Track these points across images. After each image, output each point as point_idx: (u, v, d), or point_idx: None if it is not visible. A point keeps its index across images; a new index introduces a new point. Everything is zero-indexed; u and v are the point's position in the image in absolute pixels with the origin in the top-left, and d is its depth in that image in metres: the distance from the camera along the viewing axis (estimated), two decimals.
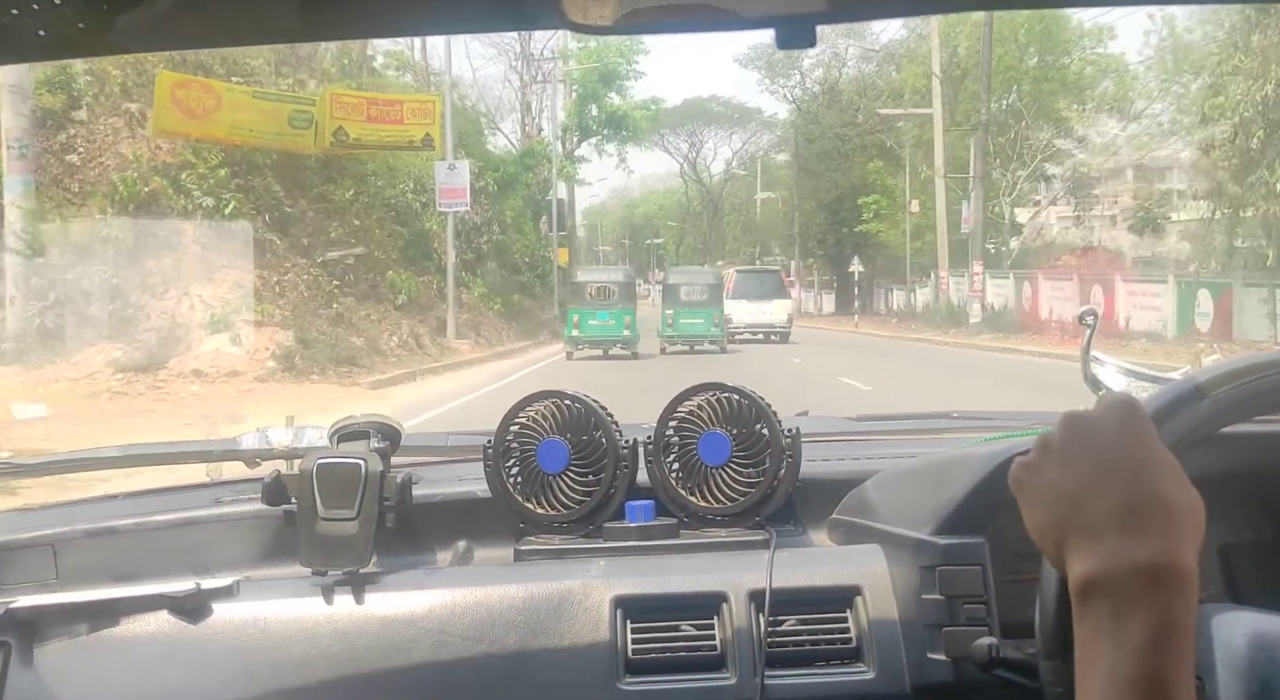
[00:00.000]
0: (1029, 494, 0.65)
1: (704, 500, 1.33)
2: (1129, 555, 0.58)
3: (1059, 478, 0.63)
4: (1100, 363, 1.50)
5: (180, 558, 1.28)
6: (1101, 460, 0.62)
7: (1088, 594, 0.59)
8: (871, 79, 40.86)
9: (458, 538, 1.36)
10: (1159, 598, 0.57)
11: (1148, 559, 0.58)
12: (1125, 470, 0.61)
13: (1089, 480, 0.62)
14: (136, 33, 0.67)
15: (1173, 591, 0.57)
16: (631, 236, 79.94)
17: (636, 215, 79.16)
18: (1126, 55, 29.74)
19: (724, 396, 1.34)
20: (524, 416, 1.36)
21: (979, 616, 1.03)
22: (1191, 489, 0.61)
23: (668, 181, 71.97)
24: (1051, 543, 0.63)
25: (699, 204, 62.08)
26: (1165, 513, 0.59)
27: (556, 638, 1.10)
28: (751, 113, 55.98)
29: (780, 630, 1.10)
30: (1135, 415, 0.63)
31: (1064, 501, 0.62)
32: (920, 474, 1.25)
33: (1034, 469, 0.65)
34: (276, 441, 1.46)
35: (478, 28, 1.38)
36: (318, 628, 1.11)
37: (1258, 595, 1.10)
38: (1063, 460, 0.63)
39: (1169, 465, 0.62)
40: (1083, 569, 0.59)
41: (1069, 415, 0.65)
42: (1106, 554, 0.59)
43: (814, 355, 18.96)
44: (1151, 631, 0.56)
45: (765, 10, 0.64)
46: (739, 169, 57.73)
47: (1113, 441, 0.62)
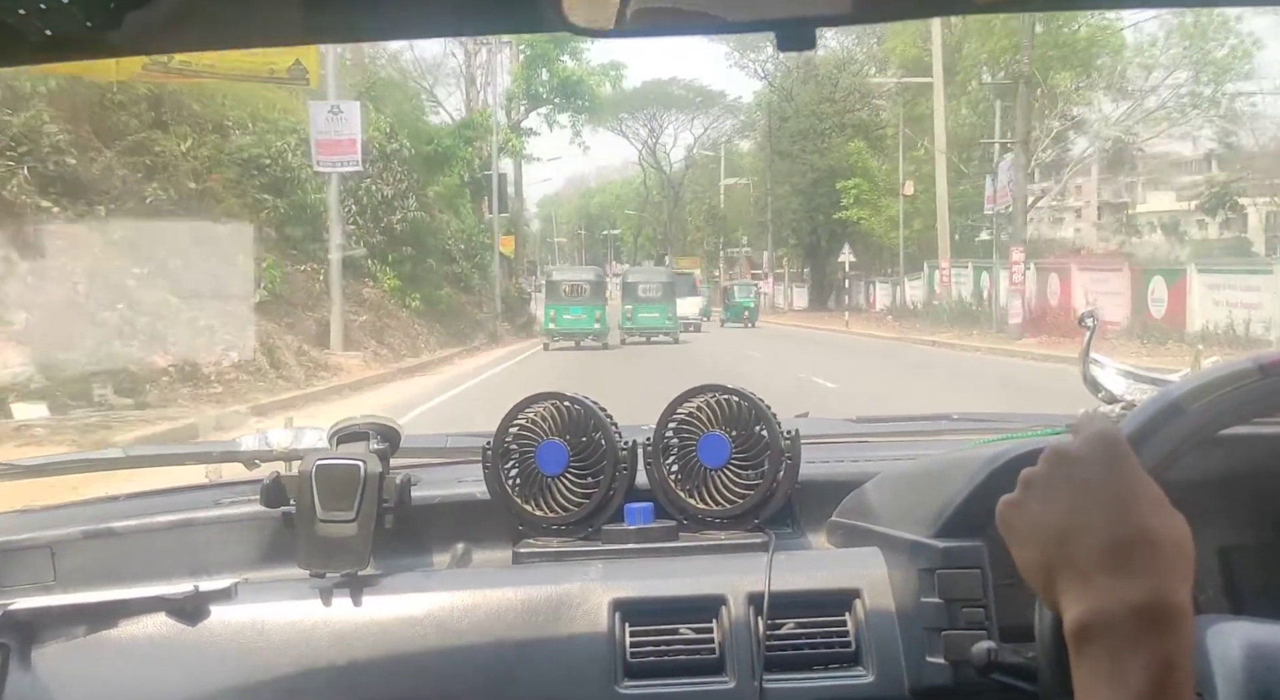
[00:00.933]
0: (1016, 533, 0.65)
1: (703, 502, 1.33)
2: (1120, 596, 0.58)
3: (1044, 515, 0.63)
4: (1100, 365, 1.50)
5: (179, 559, 1.28)
6: (1085, 495, 0.61)
7: (1082, 638, 0.59)
8: (851, 51, 37.85)
9: (456, 540, 1.36)
10: (1155, 640, 0.57)
11: (1140, 600, 0.57)
12: (1109, 505, 0.60)
13: (1074, 517, 0.61)
14: (143, 34, 0.67)
15: (1168, 633, 0.57)
16: (588, 227, 77.34)
17: (593, 205, 76.41)
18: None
19: (723, 398, 1.34)
20: (523, 418, 1.36)
21: (978, 620, 1.03)
22: (1178, 519, 0.61)
23: (625, 170, 68.93)
24: (1042, 582, 0.63)
25: (658, 193, 59.63)
26: (1152, 548, 0.59)
27: (555, 640, 1.10)
28: (715, 96, 52.79)
29: (779, 633, 1.10)
30: (1115, 446, 0.63)
31: (1051, 539, 0.62)
32: (919, 476, 1.25)
33: (1019, 507, 0.65)
34: (276, 443, 1.46)
35: (478, 30, 1.39)
36: (316, 630, 1.11)
37: (1256, 597, 1.10)
38: (1046, 497, 0.63)
39: (1152, 496, 0.61)
40: (1076, 613, 0.59)
41: (1050, 450, 0.65)
42: (1097, 595, 0.58)
43: (820, 360, 16.35)
44: (1150, 675, 0.56)
45: (765, 13, 0.64)
46: (704, 151, 54.64)
47: (1094, 475, 0.62)
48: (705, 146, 54.85)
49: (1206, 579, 1.10)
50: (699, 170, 56.31)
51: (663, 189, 58.29)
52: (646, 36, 0.65)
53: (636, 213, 64.50)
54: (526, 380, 13.17)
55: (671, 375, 12.43)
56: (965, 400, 10.81)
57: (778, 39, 0.66)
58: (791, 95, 38.51)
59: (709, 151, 53.98)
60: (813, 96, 37.38)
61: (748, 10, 0.63)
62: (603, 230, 72.66)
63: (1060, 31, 23.71)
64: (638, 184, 64.68)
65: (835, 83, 36.91)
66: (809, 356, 17.56)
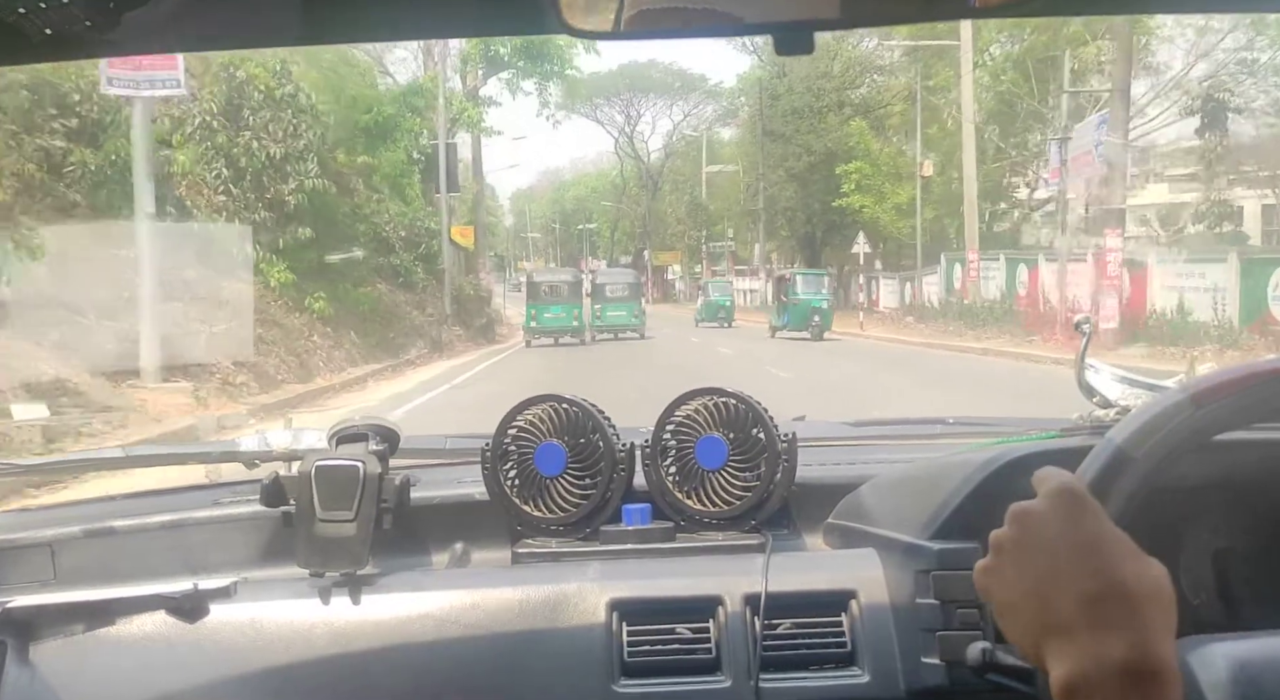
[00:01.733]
0: (995, 599, 0.65)
1: (700, 504, 1.34)
2: (1102, 655, 0.58)
3: (1018, 578, 0.63)
4: (1095, 370, 1.50)
5: (178, 558, 1.28)
6: (1054, 554, 0.62)
7: (1070, 698, 0.59)
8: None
9: (455, 540, 1.36)
10: (1141, 697, 0.57)
11: (1121, 657, 0.57)
12: (1078, 560, 0.61)
13: (1046, 577, 0.61)
14: (142, 33, 0.68)
15: (1153, 687, 0.57)
16: (562, 222, 72.92)
17: (568, 199, 71.59)
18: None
19: (721, 401, 1.35)
20: (522, 420, 1.36)
21: (973, 621, 1.04)
22: (1152, 567, 0.61)
23: (601, 161, 64.94)
24: (1029, 643, 0.63)
25: (635, 185, 55.29)
26: (1126, 600, 0.59)
27: (553, 640, 1.10)
28: (695, 81, 49.63)
29: (775, 634, 1.11)
30: (1078, 501, 0.63)
31: (1029, 601, 0.62)
32: (916, 479, 1.26)
33: (994, 572, 0.65)
34: (275, 443, 1.46)
35: (476, 31, 1.40)
36: (315, 629, 1.11)
37: (1251, 601, 1.10)
38: (1018, 559, 0.63)
39: (1121, 546, 0.61)
40: (1060, 672, 0.59)
41: (1014, 510, 0.65)
42: (1080, 655, 0.59)
43: (859, 376, 13.04)
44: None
45: (764, 17, 0.65)
46: (685, 135, 50.21)
47: (1061, 533, 0.62)
48: (686, 133, 50.90)
49: (1201, 583, 1.11)
50: (679, 160, 51.95)
51: (640, 180, 54.01)
52: (645, 39, 0.66)
53: (613, 204, 59.35)
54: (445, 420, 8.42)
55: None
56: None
57: (775, 43, 0.67)
58: (784, 70, 32.33)
59: (693, 133, 49.80)
60: (808, 71, 31.37)
61: (746, 14, 0.64)
62: (578, 224, 68.60)
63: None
64: (614, 175, 60.30)
65: (834, 55, 31.19)
66: (839, 370, 14.19)
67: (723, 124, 49.00)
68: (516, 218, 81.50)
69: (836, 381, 12.72)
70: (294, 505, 1.18)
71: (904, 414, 2.70)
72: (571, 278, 23.47)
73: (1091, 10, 1.67)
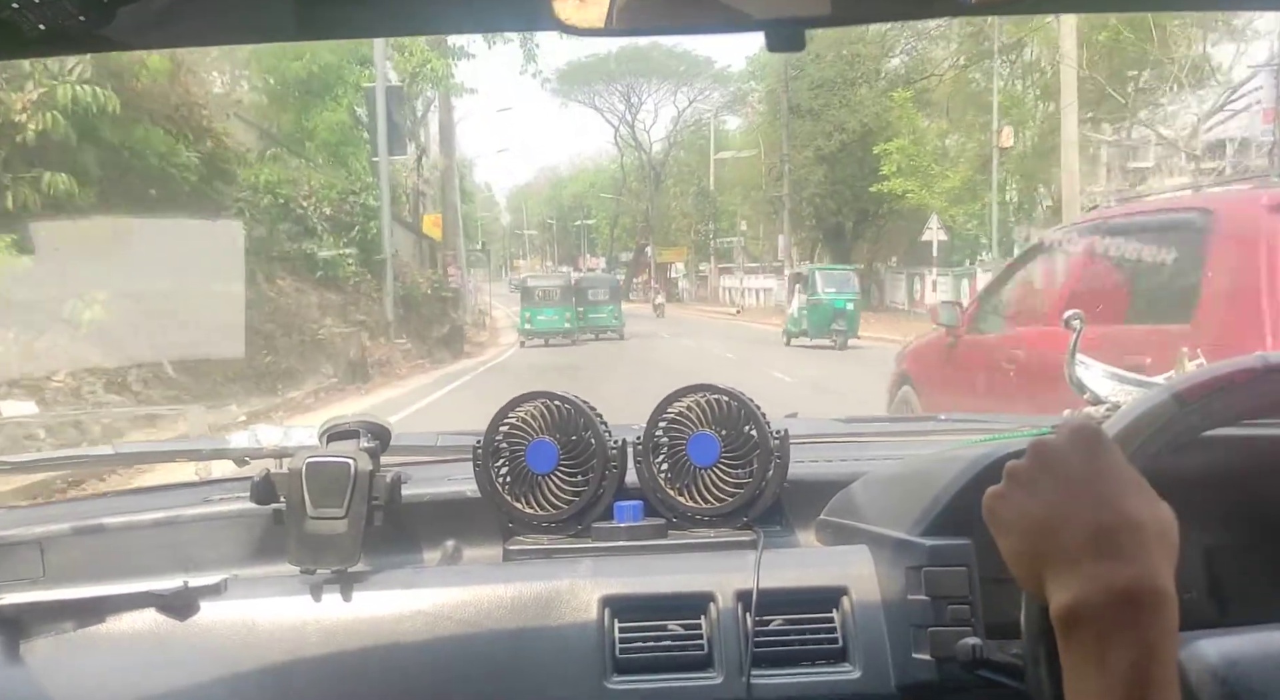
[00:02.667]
0: (1002, 524, 0.66)
1: (692, 501, 1.34)
2: (1106, 581, 0.59)
3: (1029, 506, 0.64)
4: (1086, 366, 1.51)
5: (168, 556, 1.28)
6: (1068, 486, 0.63)
7: (1070, 624, 0.60)
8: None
9: (446, 537, 1.36)
10: (1140, 623, 0.58)
11: (1124, 584, 0.58)
12: (1092, 493, 0.62)
13: (1058, 506, 0.62)
14: (136, 29, 0.67)
15: (1150, 616, 0.58)
16: (560, 219, 70.28)
17: (565, 195, 68.87)
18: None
19: (713, 398, 1.35)
20: (514, 417, 1.36)
21: (963, 617, 1.04)
22: (1162, 507, 0.62)
23: (599, 157, 62.06)
24: (1028, 572, 0.64)
25: (636, 178, 51.76)
26: (1136, 533, 0.60)
27: (544, 637, 1.10)
28: (701, 64, 45.62)
29: (767, 630, 1.11)
30: (1097, 438, 0.64)
31: (1036, 530, 0.63)
32: (907, 476, 1.26)
33: (1004, 499, 0.66)
34: (266, 440, 1.46)
35: (470, 28, 1.39)
36: (305, 626, 1.11)
37: (1240, 598, 1.11)
38: (1031, 489, 0.64)
39: (1136, 485, 0.63)
40: (1063, 598, 0.60)
41: (1035, 443, 0.66)
42: (1084, 581, 0.59)
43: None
44: (1133, 658, 0.57)
45: (755, 14, 0.65)
46: (691, 122, 46.68)
47: (1078, 466, 0.63)
48: (690, 122, 47.38)
49: (1191, 580, 1.11)
50: (684, 150, 48.47)
51: (642, 172, 50.33)
52: (637, 35, 0.66)
53: (613, 197, 55.54)
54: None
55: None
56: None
57: (767, 40, 0.67)
58: (810, 37, 29.98)
59: (700, 118, 46.57)
60: (837, 37, 26.21)
61: (737, 10, 0.64)
62: (575, 221, 65.70)
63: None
64: (613, 169, 57.11)
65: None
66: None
67: (730, 111, 45.19)
68: (513, 214, 79.69)
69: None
70: (284, 502, 1.18)
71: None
72: (563, 282, 24.63)
73: (1084, 8, 1.67)
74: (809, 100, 29.05)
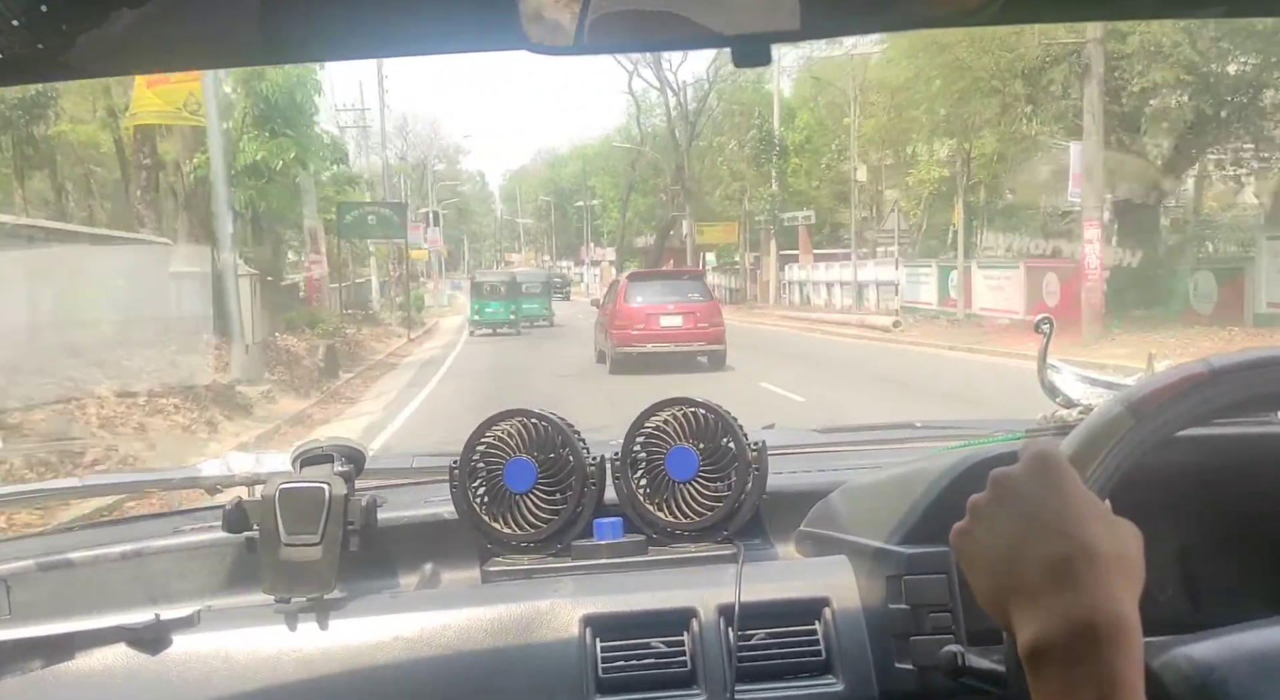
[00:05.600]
0: (968, 561, 0.66)
1: (672, 516, 1.33)
2: (1066, 614, 0.59)
3: (991, 541, 0.64)
4: (1057, 370, 1.53)
5: (139, 589, 1.25)
6: (1027, 518, 0.63)
7: (1034, 660, 0.60)
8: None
9: (424, 560, 1.35)
10: (1103, 656, 0.58)
11: (1084, 615, 0.58)
12: (1050, 524, 0.62)
13: (1018, 540, 0.62)
14: (96, 55, 0.66)
15: (1115, 648, 0.58)
16: (558, 204, 60.81)
17: (564, 176, 59.44)
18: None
19: (690, 411, 1.35)
20: (490, 436, 1.35)
21: (945, 625, 1.04)
22: (1120, 531, 0.62)
23: (607, 129, 50.75)
24: (996, 608, 0.64)
25: (650, 145, 39.50)
26: (1094, 562, 0.60)
27: (526, 659, 1.09)
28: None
29: (750, 644, 1.11)
30: (1054, 466, 0.64)
31: (1000, 564, 0.63)
32: (885, 485, 1.26)
33: (968, 535, 0.66)
34: (237, 468, 1.43)
35: (438, 49, 1.39)
36: (281, 656, 1.09)
37: (1215, 596, 1.12)
38: (992, 523, 0.64)
39: (1093, 511, 0.63)
40: (1026, 635, 0.60)
41: (994, 476, 0.66)
42: (1045, 615, 0.59)
43: None
44: (1099, 692, 0.57)
45: (722, 29, 0.65)
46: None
47: (1035, 496, 0.63)
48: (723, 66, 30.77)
49: (1166, 578, 1.13)
50: (731, 88, 34.13)
51: (672, 122, 36.23)
52: (606, 53, 0.66)
53: (630, 149, 42.11)
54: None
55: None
56: None
57: (734, 55, 0.67)
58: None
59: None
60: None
61: (704, 26, 0.64)
62: (576, 202, 54.99)
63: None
64: (626, 130, 43.38)
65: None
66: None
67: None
68: (508, 204, 73.41)
69: None
70: (258, 530, 1.16)
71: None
72: (509, 279, 26.94)
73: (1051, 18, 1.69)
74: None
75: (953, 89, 20.33)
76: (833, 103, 29.69)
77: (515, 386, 12.59)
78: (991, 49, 18.73)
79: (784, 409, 9.60)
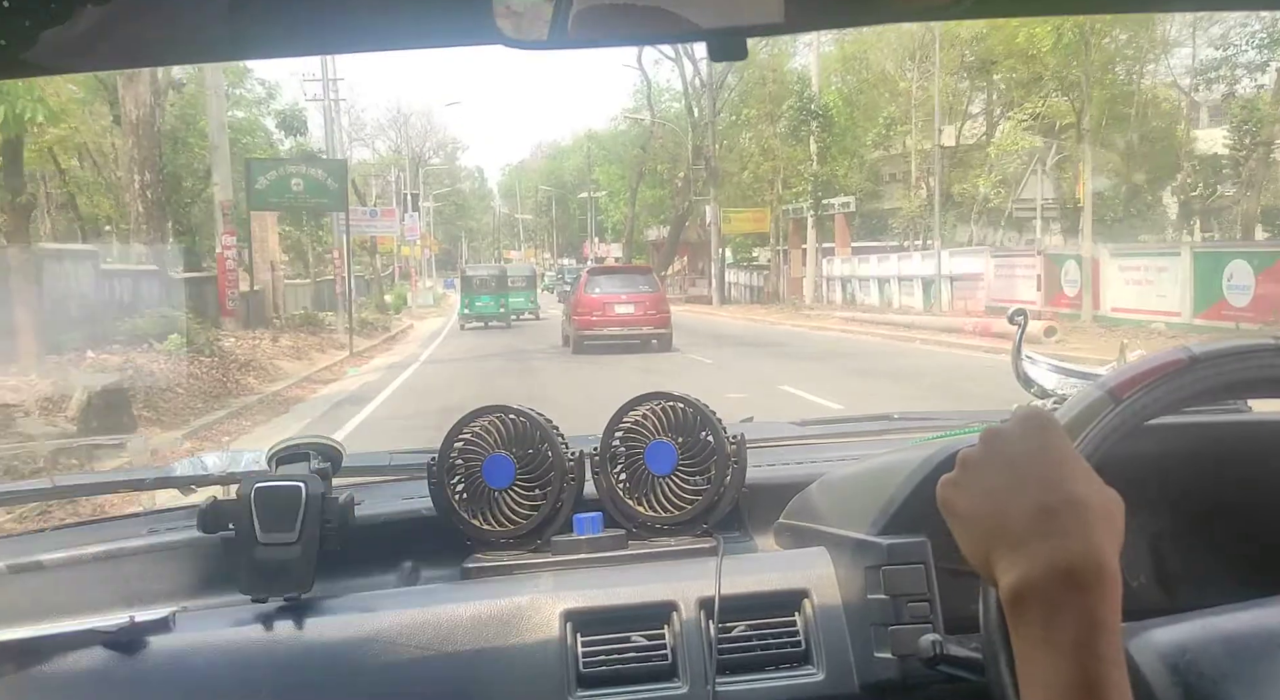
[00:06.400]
0: (954, 511, 0.67)
1: (652, 510, 1.34)
2: (1049, 559, 0.60)
3: (980, 493, 0.65)
4: (1033, 361, 1.55)
5: (112, 591, 1.24)
6: (1016, 469, 0.64)
7: (1017, 604, 0.61)
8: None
9: (403, 558, 1.34)
10: (1084, 600, 0.59)
11: (1067, 561, 0.60)
12: (1039, 476, 0.63)
13: (1006, 491, 0.64)
14: (60, 52, 0.65)
15: (1096, 592, 0.59)
16: (560, 198, 58.55)
17: (566, 169, 57.15)
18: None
19: (669, 405, 1.35)
20: (468, 432, 1.35)
21: (923, 614, 1.05)
22: (1108, 490, 0.64)
23: (608, 114, 50.06)
24: (980, 556, 0.65)
25: (656, 123, 35.70)
26: (1079, 512, 0.61)
27: (506, 654, 1.09)
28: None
29: (730, 636, 1.11)
30: (1046, 424, 0.66)
31: (986, 515, 0.64)
32: (862, 476, 1.27)
33: (957, 486, 0.67)
34: (212, 467, 1.42)
35: (410, 44, 1.37)
36: (258, 657, 1.08)
37: (1186, 582, 1.14)
38: (982, 475, 0.66)
39: (1081, 468, 0.64)
40: (1009, 579, 0.61)
41: (987, 432, 0.68)
42: (1029, 561, 0.61)
43: None
44: (1079, 635, 0.58)
45: (698, 23, 0.65)
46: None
47: (1026, 451, 0.65)
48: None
49: (1139, 565, 1.14)
50: (766, 56, 29.45)
51: (692, 96, 32.86)
52: (580, 48, 0.66)
53: (636, 150, 38.60)
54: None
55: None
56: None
57: (710, 49, 0.67)
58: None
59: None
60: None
61: (679, 22, 0.64)
62: (580, 193, 51.95)
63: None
64: (631, 121, 40.18)
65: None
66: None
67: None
68: (507, 200, 70.93)
69: None
70: (233, 530, 1.15)
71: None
72: (498, 273, 27.57)
73: (1026, 11, 1.70)
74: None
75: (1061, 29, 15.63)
76: (866, 79, 25.88)
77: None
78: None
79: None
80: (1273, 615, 0.78)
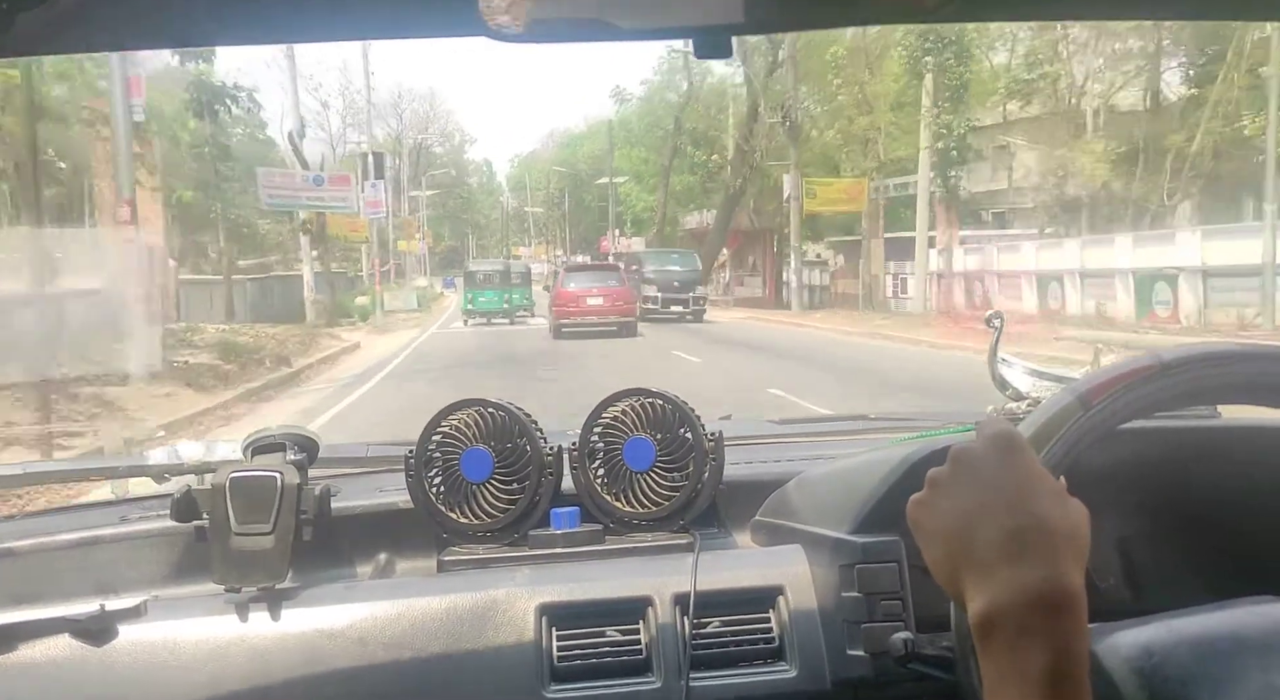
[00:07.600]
0: (923, 532, 0.67)
1: (629, 505, 1.34)
2: (1017, 585, 0.60)
3: (948, 512, 0.65)
4: (1008, 364, 1.56)
5: (84, 579, 1.22)
6: (984, 491, 0.64)
7: (985, 631, 0.61)
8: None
9: (379, 550, 1.34)
10: (1052, 628, 0.59)
11: (1035, 587, 0.60)
12: (1006, 498, 0.63)
13: (974, 512, 0.64)
14: (37, 34, 0.64)
15: (1064, 620, 0.60)
16: (574, 188, 53.16)
17: (580, 156, 52.65)
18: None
19: (648, 402, 1.35)
20: (446, 425, 1.34)
21: (895, 612, 1.06)
22: (1073, 507, 0.64)
23: (631, 88, 41.91)
24: (949, 579, 0.65)
25: (689, 95, 30.01)
26: (1046, 535, 0.62)
27: (481, 647, 1.09)
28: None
29: (704, 632, 1.12)
30: (1012, 442, 0.66)
31: (954, 536, 0.65)
32: (839, 475, 1.28)
33: (926, 506, 0.67)
34: (186, 456, 1.41)
35: (391, 34, 1.36)
36: (231, 647, 1.07)
37: (1155, 584, 1.16)
38: (950, 495, 0.66)
39: (1048, 487, 0.64)
40: (978, 606, 0.61)
41: (953, 450, 0.68)
42: (997, 587, 0.61)
43: None
44: (1047, 662, 0.58)
45: (683, 20, 0.66)
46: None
47: (993, 470, 0.65)
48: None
49: (1107, 568, 1.16)
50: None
51: (740, 48, 23.39)
52: (565, 42, 0.66)
53: (668, 127, 32.47)
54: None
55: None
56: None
57: (695, 47, 0.67)
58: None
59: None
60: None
61: (664, 18, 0.64)
62: (599, 179, 45.15)
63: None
64: (658, 98, 34.91)
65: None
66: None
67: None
68: (516, 194, 66.86)
69: None
70: (208, 519, 1.14)
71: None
72: (502, 268, 27.50)
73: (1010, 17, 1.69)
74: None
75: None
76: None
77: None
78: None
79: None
80: (1240, 618, 0.79)
